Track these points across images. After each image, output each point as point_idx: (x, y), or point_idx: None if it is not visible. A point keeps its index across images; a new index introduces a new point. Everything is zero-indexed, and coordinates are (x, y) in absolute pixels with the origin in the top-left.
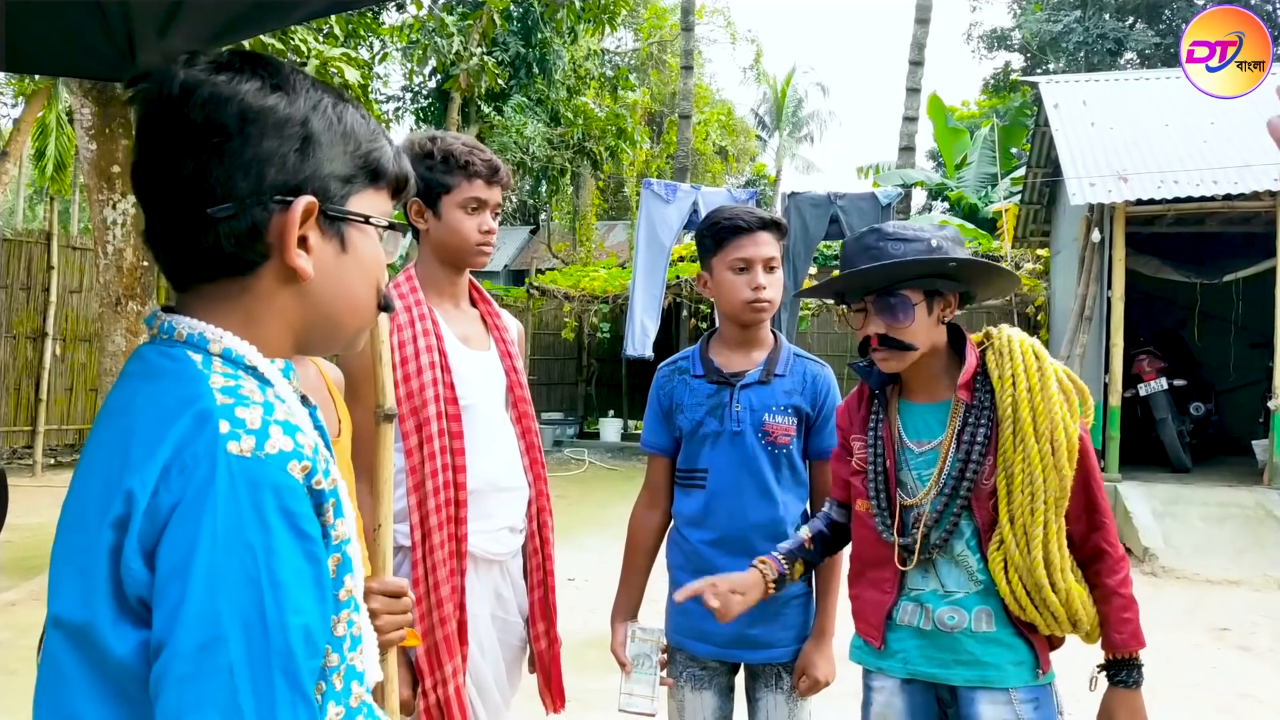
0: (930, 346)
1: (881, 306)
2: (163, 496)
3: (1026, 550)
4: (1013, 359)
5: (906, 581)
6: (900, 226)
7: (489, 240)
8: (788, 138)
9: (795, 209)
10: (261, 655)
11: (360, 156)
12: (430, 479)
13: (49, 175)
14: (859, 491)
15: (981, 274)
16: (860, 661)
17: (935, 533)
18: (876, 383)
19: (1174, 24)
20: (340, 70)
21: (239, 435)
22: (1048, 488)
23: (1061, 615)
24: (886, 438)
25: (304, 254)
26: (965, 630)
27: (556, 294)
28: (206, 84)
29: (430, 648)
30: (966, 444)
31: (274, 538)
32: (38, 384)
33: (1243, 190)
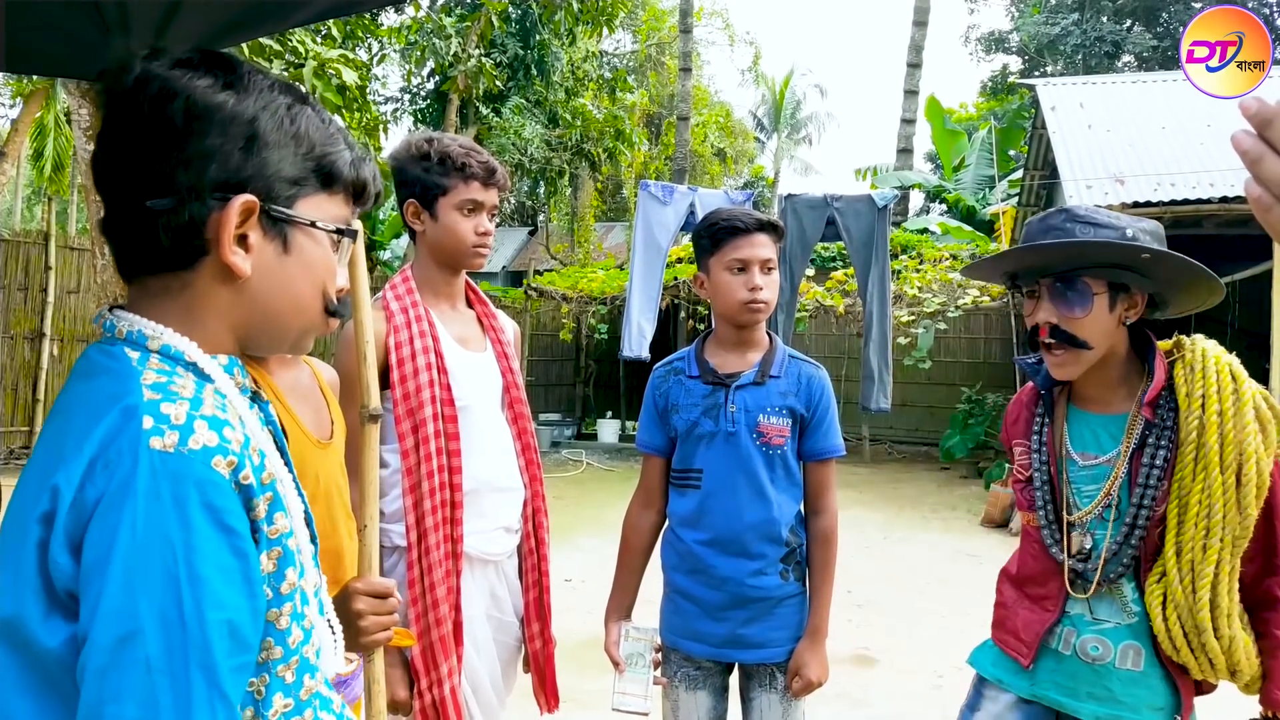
0: (1108, 348)
1: (1057, 292)
2: (88, 491)
3: (1191, 589)
4: (1205, 377)
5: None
6: (1094, 211)
7: (485, 242)
8: (786, 139)
9: (792, 211)
10: (179, 650)
11: (312, 159)
12: (426, 479)
13: (47, 176)
14: (1024, 502)
15: (1181, 275)
16: (980, 668)
17: (1113, 565)
18: (1044, 382)
19: (1171, 27)
20: (338, 72)
21: (162, 430)
22: (1226, 524)
23: (1221, 663)
24: (1051, 446)
25: (241, 252)
26: (1109, 664)
27: (554, 295)
28: (159, 78)
29: (426, 648)
30: (1145, 466)
31: (194, 533)
32: (35, 384)
33: (1239, 193)
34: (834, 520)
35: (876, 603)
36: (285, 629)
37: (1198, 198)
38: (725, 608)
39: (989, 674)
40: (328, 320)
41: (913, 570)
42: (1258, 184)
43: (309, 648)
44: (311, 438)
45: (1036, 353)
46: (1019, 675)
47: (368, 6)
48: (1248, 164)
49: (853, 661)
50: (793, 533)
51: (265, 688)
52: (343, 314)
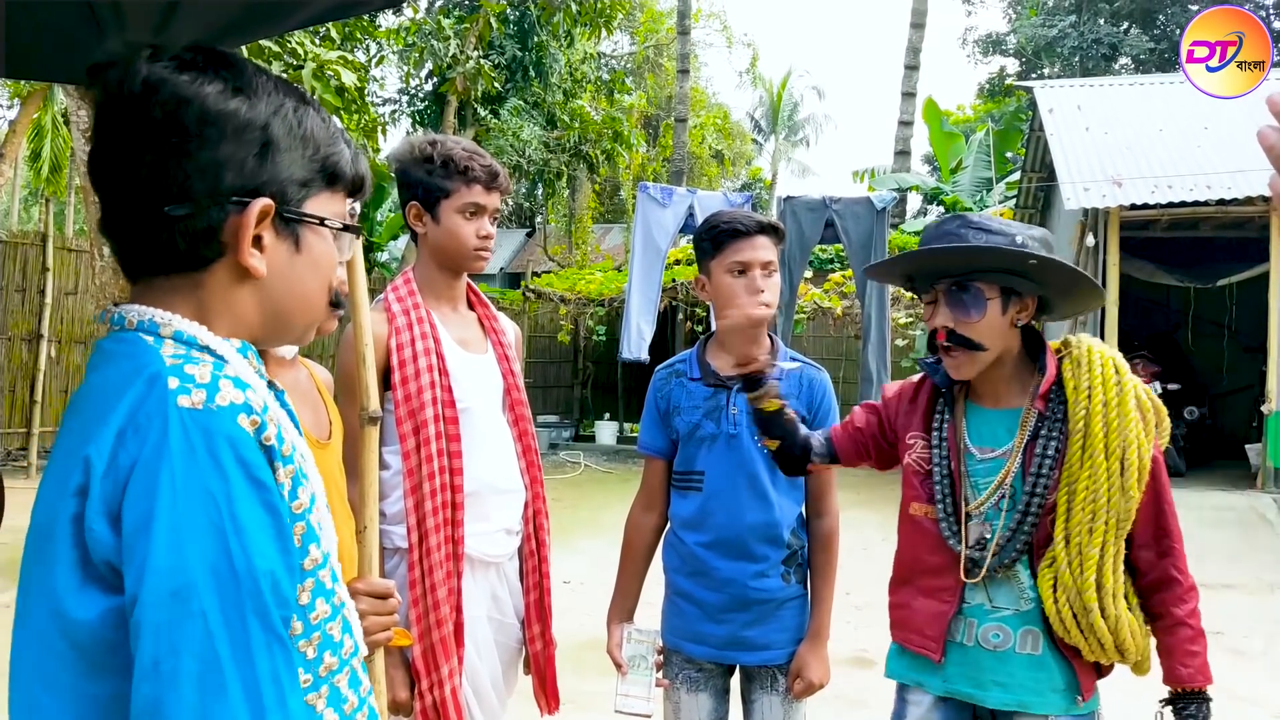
0: (1002, 349)
1: (953, 297)
2: (121, 458)
3: (1079, 570)
4: (1091, 370)
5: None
6: (986, 218)
7: (487, 245)
8: (783, 141)
9: (791, 213)
10: (233, 598)
11: (318, 160)
12: (428, 481)
13: (44, 177)
14: (917, 494)
15: (1065, 281)
16: (897, 677)
17: (1006, 552)
18: (944, 381)
19: (1168, 29)
20: (337, 73)
21: (189, 389)
22: (1110, 508)
23: (1109, 643)
24: (952, 441)
25: (257, 253)
26: (1009, 650)
27: (552, 297)
28: (169, 82)
29: (427, 649)
30: (1037, 457)
31: (233, 485)
32: (33, 386)
33: (1236, 195)
34: (835, 522)
35: (875, 604)
36: (308, 604)
37: (1195, 200)
38: (727, 610)
39: (907, 679)
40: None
41: None
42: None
43: (334, 625)
44: (312, 438)
45: (936, 353)
46: (932, 674)
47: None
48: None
49: (851, 663)
50: (794, 535)
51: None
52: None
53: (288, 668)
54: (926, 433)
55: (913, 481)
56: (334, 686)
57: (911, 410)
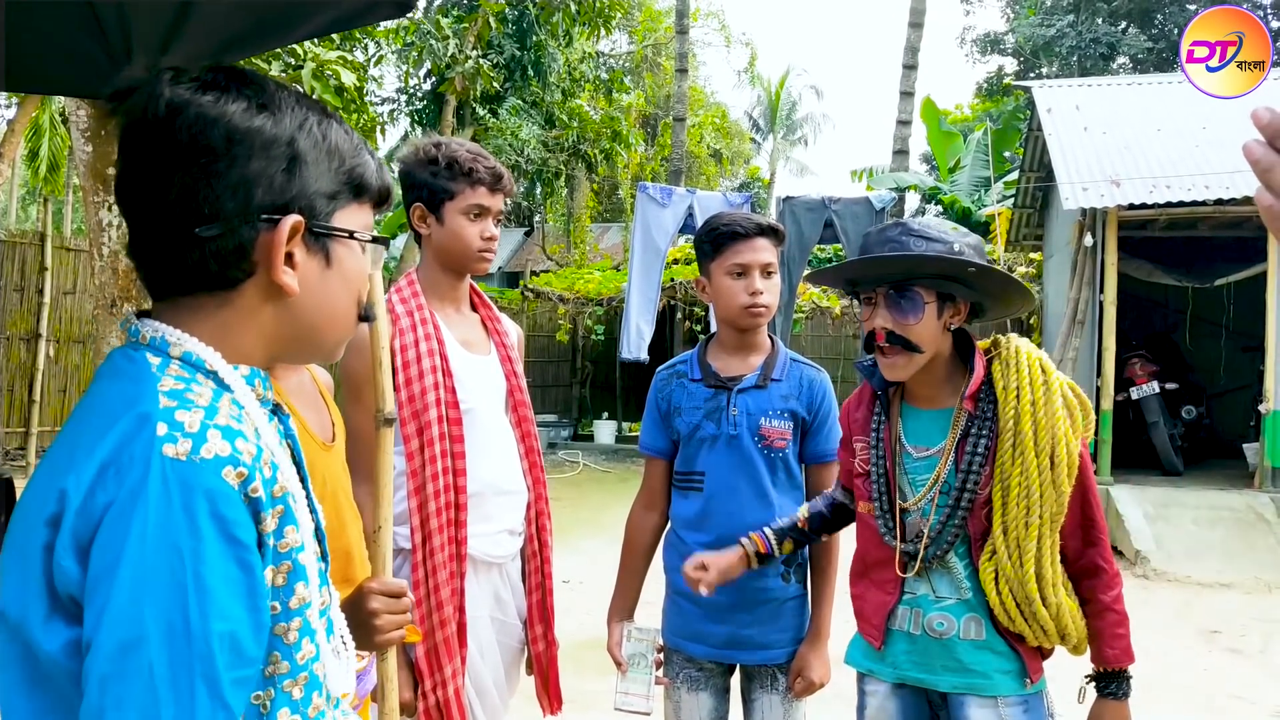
0: (935, 351)
1: (892, 300)
2: (98, 496)
3: (1019, 563)
4: (1019, 370)
5: (905, 585)
6: (926, 224)
7: (491, 247)
8: (782, 141)
9: (790, 213)
10: (183, 659)
11: (344, 173)
12: (431, 482)
13: (42, 176)
14: (862, 493)
15: (998, 286)
16: (854, 664)
17: (937, 544)
18: (880, 384)
19: (1166, 29)
20: (336, 73)
21: (175, 438)
22: (1044, 502)
23: (1051, 629)
24: (888, 441)
25: (290, 271)
26: (954, 637)
27: (551, 296)
28: (193, 104)
29: (430, 649)
30: (968, 454)
31: (203, 543)
32: (31, 385)
33: (1234, 195)
34: None
35: None
36: (294, 644)
37: (1193, 200)
38: (727, 609)
39: (861, 667)
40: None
41: None
42: (1269, 193)
43: (319, 665)
44: (317, 440)
45: (871, 355)
46: (882, 662)
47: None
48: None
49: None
50: None
51: (270, 702)
52: (371, 317)
53: None
54: (866, 435)
55: (858, 482)
56: None
57: (856, 418)
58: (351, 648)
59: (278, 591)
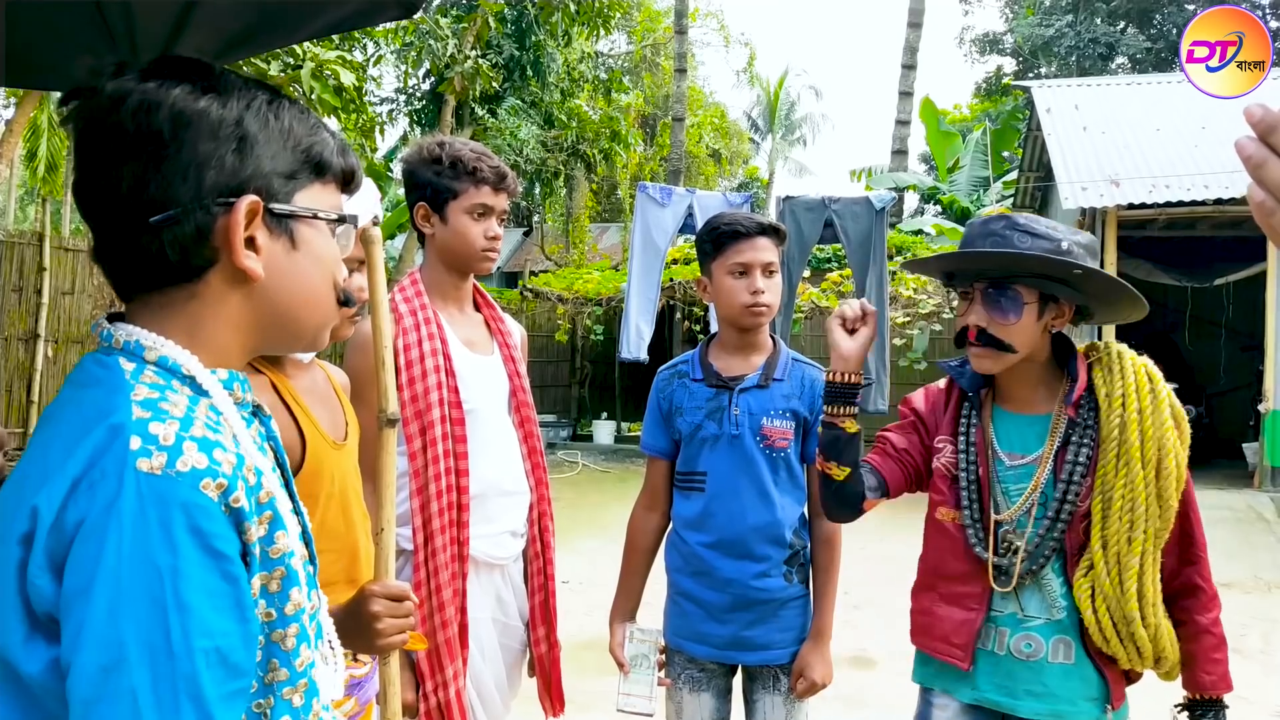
0: (1031, 353)
1: (990, 298)
2: (70, 513)
3: (1119, 580)
4: (1124, 377)
5: (992, 601)
6: (1033, 220)
7: (494, 246)
8: (780, 141)
9: (790, 213)
10: (166, 679)
11: (301, 151)
12: (433, 482)
13: (40, 176)
14: (944, 499)
15: (1108, 291)
16: (924, 681)
17: (1034, 559)
18: (971, 385)
19: (1165, 29)
20: (335, 73)
21: (150, 452)
22: (1149, 516)
23: (1148, 651)
24: (980, 445)
25: (252, 254)
26: (1042, 660)
27: (550, 296)
28: (135, 92)
29: (431, 651)
30: (1069, 464)
31: (181, 559)
32: (29, 386)
33: (1233, 195)
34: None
35: (873, 604)
36: (292, 650)
37: (1192, 200)
38: (729, 610)
39: (935, 684)
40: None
41: (909, 571)
42: (1260, 189)
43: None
44: (328, 439)
45: (960, 356)
46: (960, 681)
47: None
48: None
49: (850, 663)
50: (796, 535)
51: (271, 710)
52: (351, 302)
53: None
54: (954, 437)
55: (940, 486)
56: None
57: (939, 414)
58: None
59: (273, 598)
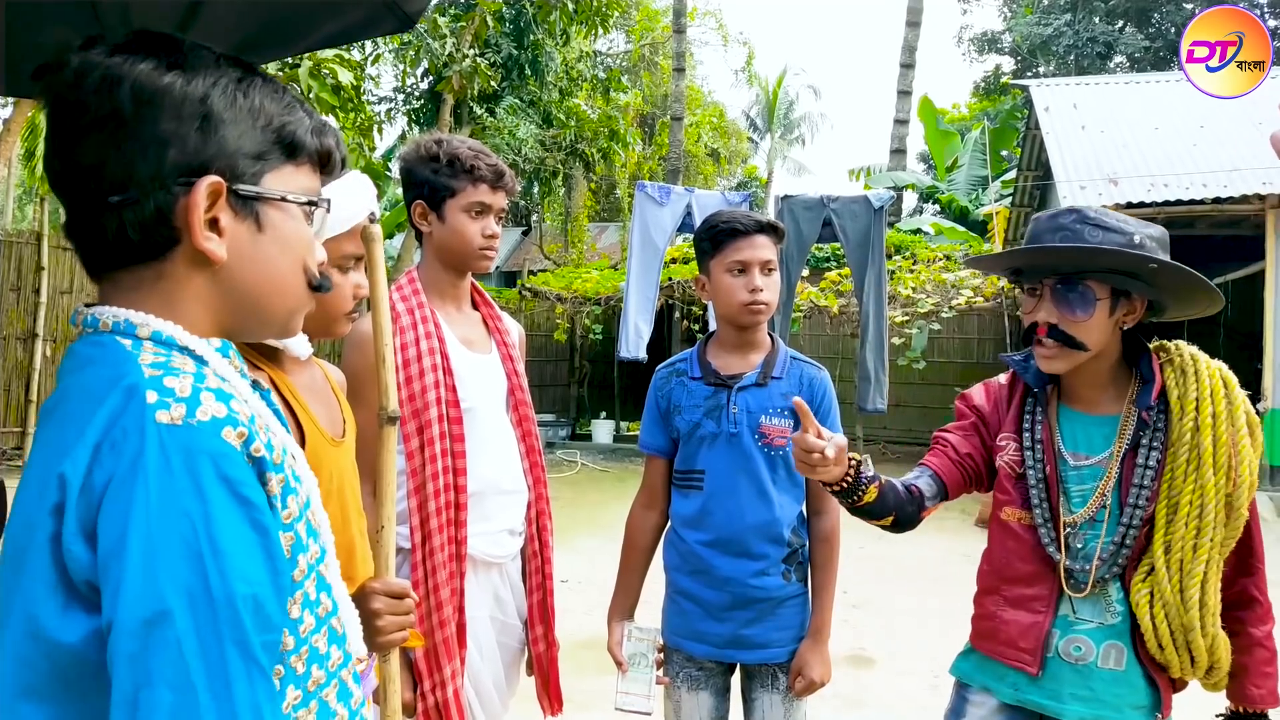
0: (1101, 351)
1: (1060, 294)
2: (96, 475)
3: (1179, 587)
4: (1199, 381)
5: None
6: (1104, 213)
7: (492, 245)
8: (779, 140)
9: (789, 212)
10: (210, 626)
11: (272, 131)
12: (431, 481)
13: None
14: (1010, 499)
15: (1183, 285)
16: (963, 675)
17: (1111, 564)
18: (1036, 380)
19: (1163, 28)
20: (333, 71)
21: (168, 404)
22: (1216, 523)
23: (1202, 660)
24: (1046, 443)
25: (214, 236)
26: (1091, 664)
27: (549, 295)
28: (99, 66)
29: (429, 650)
30: (1139, 467)
31: (212, 505)
32: (28, 385)
33: (1232, 194)
34: (836, 521)
35: (872, 603)
36: (298, 617)
37: (1191, 199)
38: (727, 608)
39: (975, 679)
40: (312, 296)
41: (907, 570)
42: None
43: (319, 637)
44: (327, 436)
45: (1024, 349)
46: (1002, 680)
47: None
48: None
49: (849, 662)
50: (795, 533)
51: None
52: (325, 287)
53: (269, 698)
54: (1018, 434)
55: (1004, 485)
56: (323, 701)
57: (1002, 410)
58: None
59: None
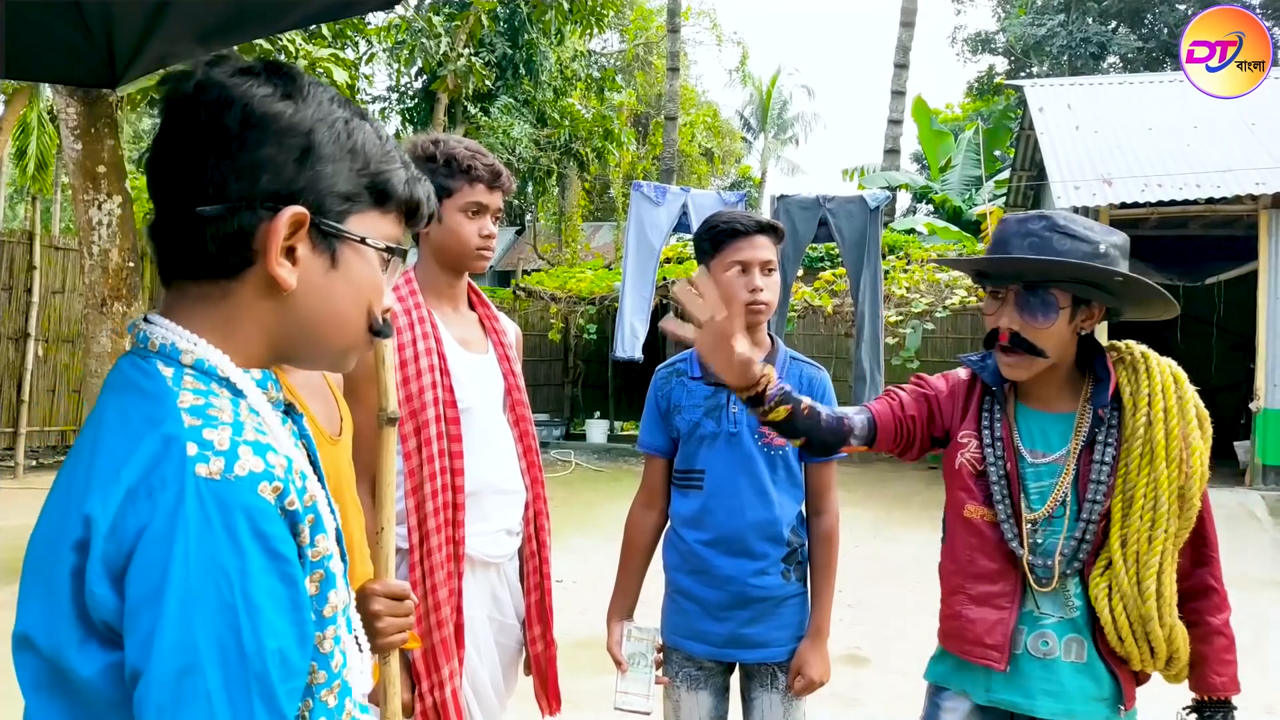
0: (1061, 356)
1: (1024, 301)
2: (130, 520)
3: (1137, 579)
4: (1150, 377)
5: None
6: (1071, 220)
7: (489, 245)
8: (773, 140)
9: (784, 211)
10: (239, 680)
11: (366, 175)
12: (429, 481)
13: (30, 174)
14: (972, 495)
15: (1142, 295)
16: (938, 680)
17: (1073, 559)
18: (994, 380)
19: (1156, 28)
20: (328, 70)
21: (207, 457)
22: (1170, 515)
23: (1161, 651)
24: (1006, 441)
25: (287, 265)
26: (1056, 658)
27: (543, 295)
28: (219, 85)
29: (427, 650)
30: (1096, 464)
31: (248, 561)
32: (19, 385)
33: (1225, 194)
34: (836, 520)
35: (868, 602)
36: (329, 653)
37: (1184, 199)
38: (727, 607)
39: (950, 683)
40: (370, 340)
41: (903, 569)
42: None
43: (349, 671)
44: (324, 433)
45: (984, 352)
46: (976, 683)
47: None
48: None
49: (845, 661)
50: (794, 533)
51: (309, 712)
52: (386, 333)
53: None
54: (978, 432)
55: (966, 483)
56: None
57: (963, 408)
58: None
59: (312, 600)
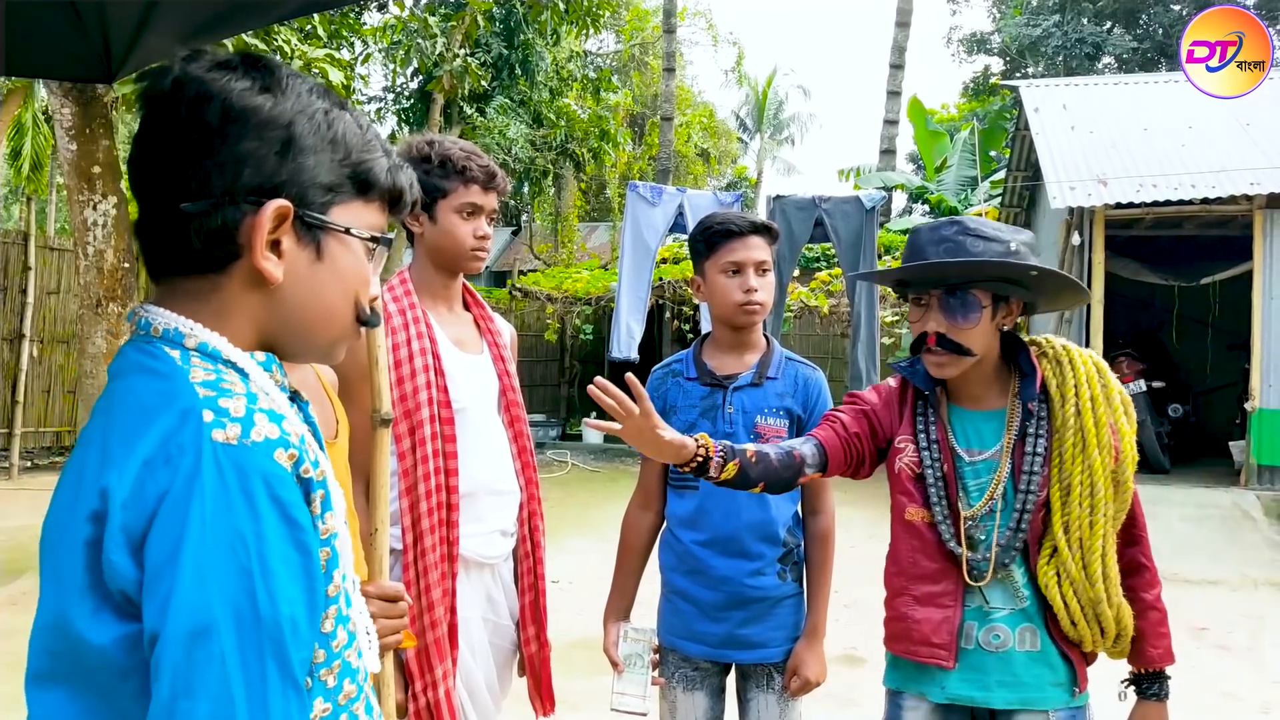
0: (986, 353)
1: (947, 304)
2: (149, 488)
3: (1082, 564)
4: (1074, 369)
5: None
6: (981, 223)
7: (484, 246)
8: (769, 140)
9: (781, 212)
10: (253, 643)
11: (348, 165)
12: (423, 482)
13: (25, 175)
14: (911, 497)
15: (1055, 286)
16: (896, 685)
17: (1007, 551)
18: (925, 383)
19: (1151, 29)
20: (324, 71)
21: (224, 424)
22: (1107, 498)
23: (1110, 630)
24: (942, 442)
25: (273, 258)
26: (1010, 649)
27: (539, 295)
28: (197, 80)
29: (421, 650)
30: (1029, 456)
31: (264, 525)
32: (14, 386)
33: (1220, 194)
34: (831, 520)
35: (864, 602)
36: (330, 632)
37: (1179, 199)
38: (723, 608)
39: (908, 687)
40: (359, 329)
41: None
42: None
43: (350, 651)
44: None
45: (912, 356)
46: (933, 683)
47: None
48: None
49: (841, 661)
50: (790, 533)
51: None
52: (373, 323)
53: (301, 713)
54: (914, 436)
55: (906, 486)
56: (352, 714)
57: (898, 414)
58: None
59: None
